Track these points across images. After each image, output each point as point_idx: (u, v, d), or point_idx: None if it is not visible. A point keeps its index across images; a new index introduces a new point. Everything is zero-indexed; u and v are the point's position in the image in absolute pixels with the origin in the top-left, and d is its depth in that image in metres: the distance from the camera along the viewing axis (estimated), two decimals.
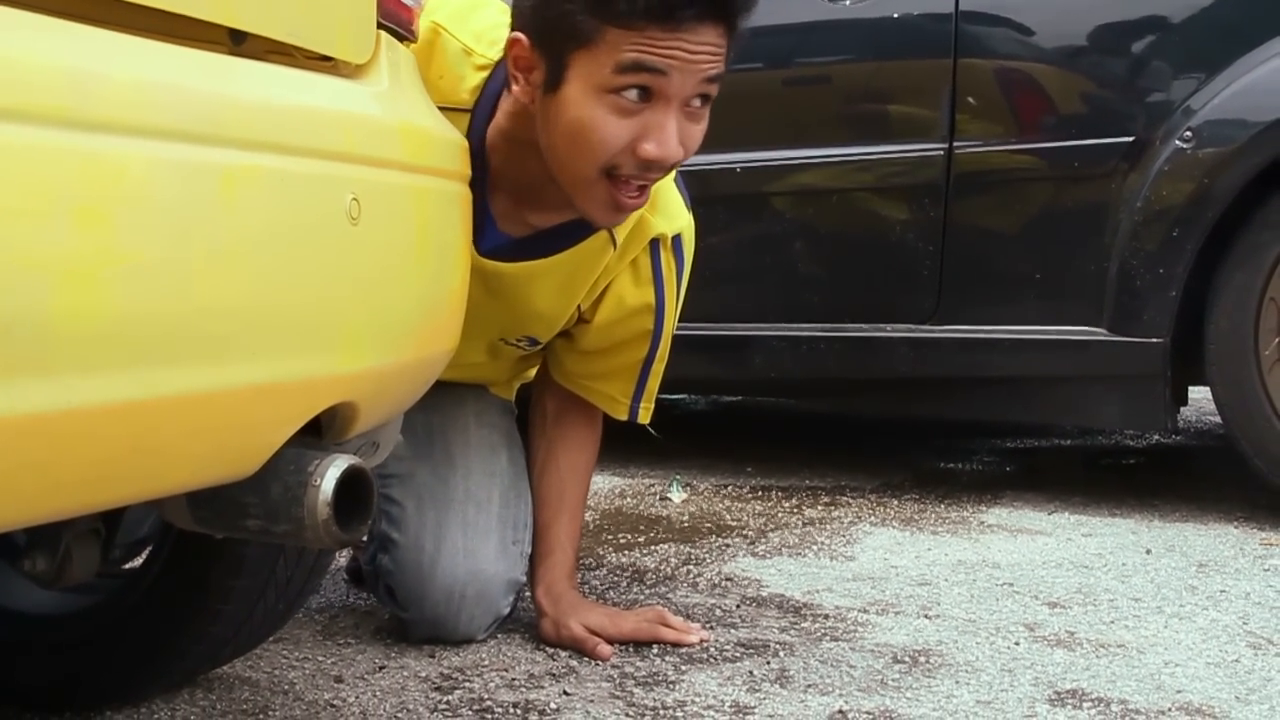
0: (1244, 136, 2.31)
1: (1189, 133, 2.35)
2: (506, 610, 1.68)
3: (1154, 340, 2.39)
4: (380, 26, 1.14)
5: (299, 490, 1.01)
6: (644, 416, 1.71)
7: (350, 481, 1.02)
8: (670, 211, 1.59)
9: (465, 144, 1.24)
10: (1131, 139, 2.41)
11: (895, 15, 2.59)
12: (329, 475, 1.01)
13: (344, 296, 1.00)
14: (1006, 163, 2.53)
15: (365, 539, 1.78)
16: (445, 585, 1.62)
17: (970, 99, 2.53)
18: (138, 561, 1.46)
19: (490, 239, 1.53)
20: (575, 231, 1.53)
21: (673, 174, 1.52)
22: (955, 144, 2.53)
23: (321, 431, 1.08)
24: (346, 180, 1.00)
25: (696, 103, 1.35)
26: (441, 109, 1.27)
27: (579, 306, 1.62)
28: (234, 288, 0.87)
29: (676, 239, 1.60)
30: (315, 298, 0.97)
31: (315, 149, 0.97)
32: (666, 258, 1.60)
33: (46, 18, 0.77)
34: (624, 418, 1.71)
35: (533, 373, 1.87)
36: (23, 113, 0.72)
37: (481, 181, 1.44)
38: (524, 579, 1.70)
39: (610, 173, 1.37)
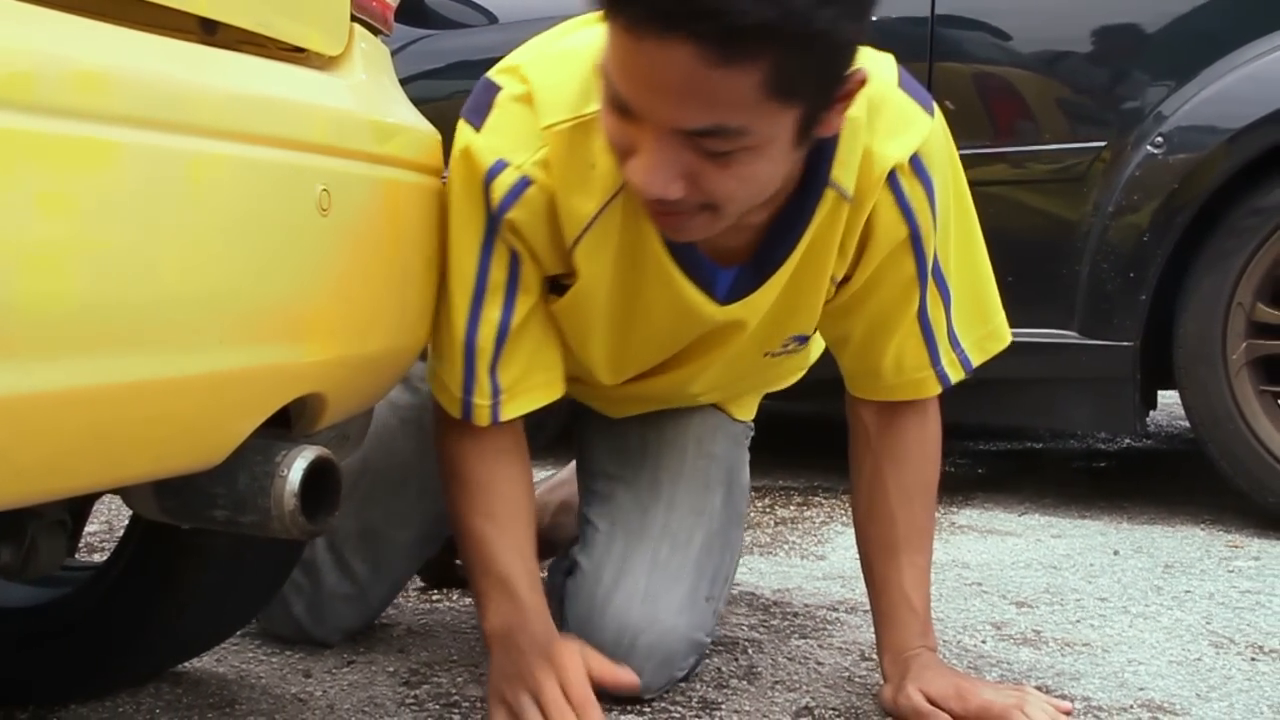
0: (1214, 142, 2.34)
1: (1160, 138, 2.37)
2: (682, 673, 1.47)
3: (1124, 344, 2.42)
4: (354, 19, 1.15)
5: (266, 481, 1.01)
6: (955, 373, 1.40)
7: (318, 472, 1.02)
8: (897, 127, 1.25)
9: (438, 138, 1.24)
10: (1104, 144, 2.43)
11: (872, 18, 2.60)
12: (296, 466, 1.01)
13: (313, 287, 1.00)
14: (980, 166, 2.55)
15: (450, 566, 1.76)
16: (615, 628, 1.43)
17: (946, 102, 2.54)
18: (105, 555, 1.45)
19: (722, 281, 1.30)
20: (795, 221, 1.26)
21: (892, 70, 1.26)
22: None
23: (291, 423, 1.09)
24: (317, 171, 1.00)
25: (715, 145, 1.05)
26: None
27: (832, 277, 1.33)
28: (201, 275, 0.88)
29: (915, 160, 1.25)
30: (284, 287, 0.97)
31: (285, 139, 0.97)
32: (910, 186, 1.26)
33: (13, 2, 0.77)
34: (937, 391, 1.41)
35: (787, 379, 1.67)
36: None
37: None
38: (708, 640, 1.50)
39: None
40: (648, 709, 1.42)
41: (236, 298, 0.91)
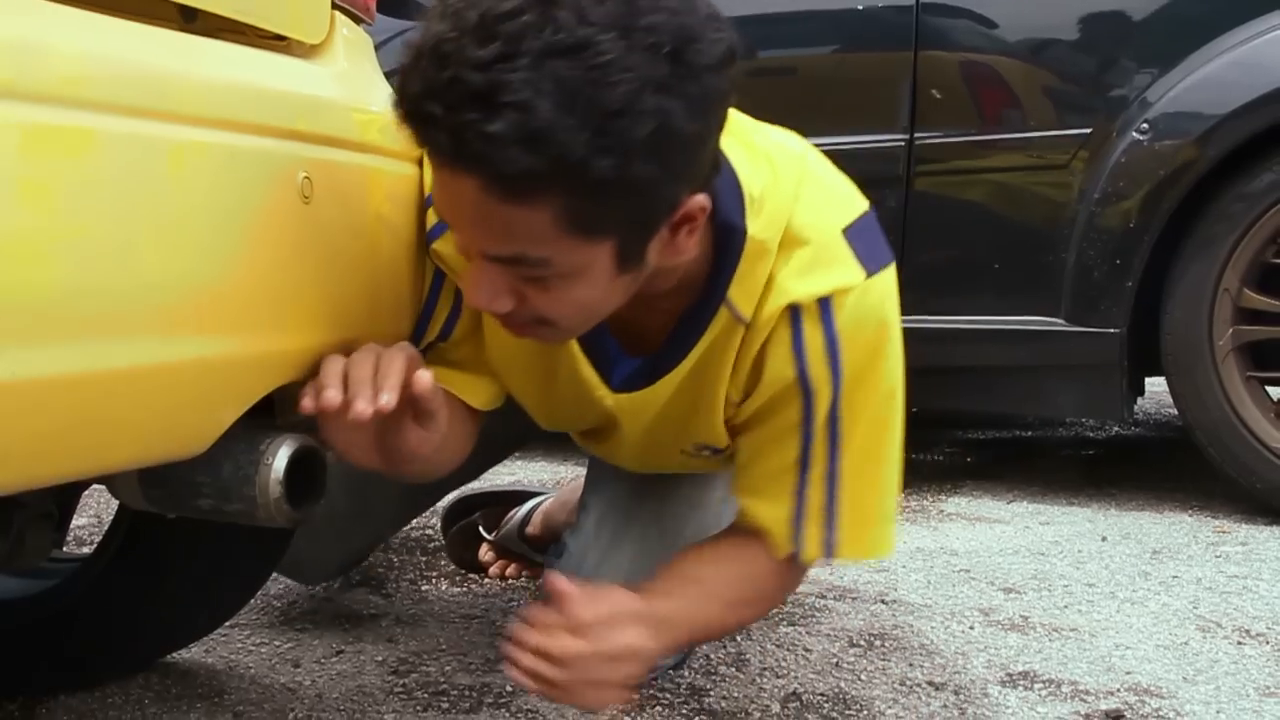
0: (1200, 129, 2.34)
1: (1146, 125, 2.37)
2: (670, 662, 1.43)
3: (1111, 331, 2.42)
4: (335, 7, 1.14)
5: (250, 469, 1.01)
6: (811, 550, 1.23)
7: (302, 460, 1.02)
8: (812, 266, 1.15)
9: None
10: (1089, 131, 2.44)
11: (860, 7, 2.60)
12: (281, 454, 1.01)
13: (295, 274, 1.00)
14: (967, 154, 2.55)
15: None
16: None
17: (932, 91, 2.55)
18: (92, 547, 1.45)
19: (621, 370, 1.25)
20: (695, 324, 1.19)
21: (847, 211, 1.18)
22: (916, 135, 2.55)
23: (275, 412, 1.08)
24: (299, 159, 1.00)
25: (525, 271, 1.02)
26: None
27: (729, 398, 1.23)
28: (183, 263, 0.87)
29: (824, 305, 1.15)
30: (266, 275, 0.96)
31: (267, 127, 0.97)
32: (810, 330, 1.16)
33: None
34: (785, 551, 1.23)
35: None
36: None
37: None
38: None
39: None
40: (635, 696, 1.42)
41: (218, 285, 0.91)
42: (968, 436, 3.52)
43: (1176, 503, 2.53)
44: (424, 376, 1.07)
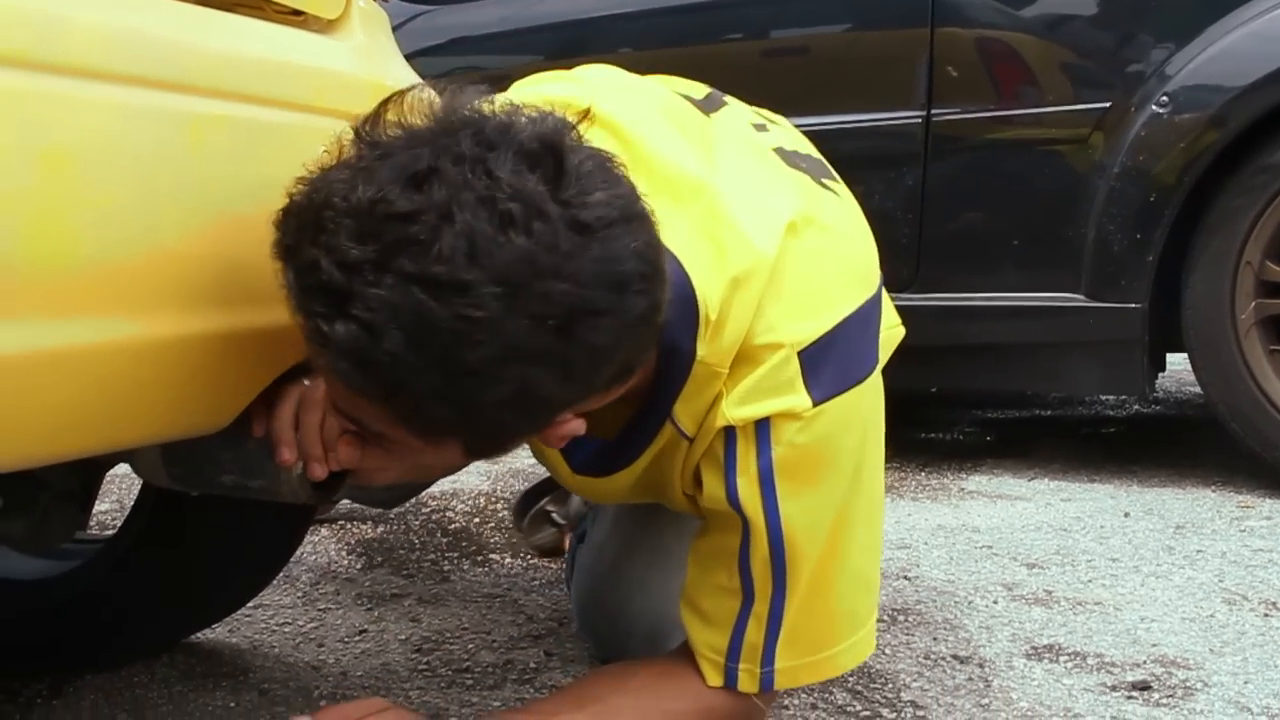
0: (1220, 101, 2.32)
1: (1165, 98, 2.35)
2: None
3: (1132, 306, 2.40)
4: None
5: (273, 445, 1.01)
6: (747, 684, 1.11)
7: None
8: (759, 393, 1.05)
9: None
10: (1108, 105, 2.42)
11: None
12: None
13: None
14: (984, 130, 2.54)
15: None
16: (612, 613, 1.39)
17: (948, 67, 2.53)
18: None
19: (582, 451, 1.17)
20: (641, 432, 1.12)
21: (812, 330, 1.06)
22: (933, 111, 2.53)
23: None
24: (318, 133, 1.00)
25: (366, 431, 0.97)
26: None
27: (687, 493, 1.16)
28: (203, 236, 0.87)
29: (762, 424, 1.05)
30: None
31: (286, 101, 0.97)
32: (744, 447, 1.06)
33: None
34: (715, 683, 1.12)
35: None
36: None
37: None
38: None
39: None
40: None
41: (238, 258, 0.91)
42: (987, 415, 3.51)
43: (1199, 478, 2.51)
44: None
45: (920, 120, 2.54)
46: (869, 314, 1.13)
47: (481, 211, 0.81)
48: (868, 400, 1.10)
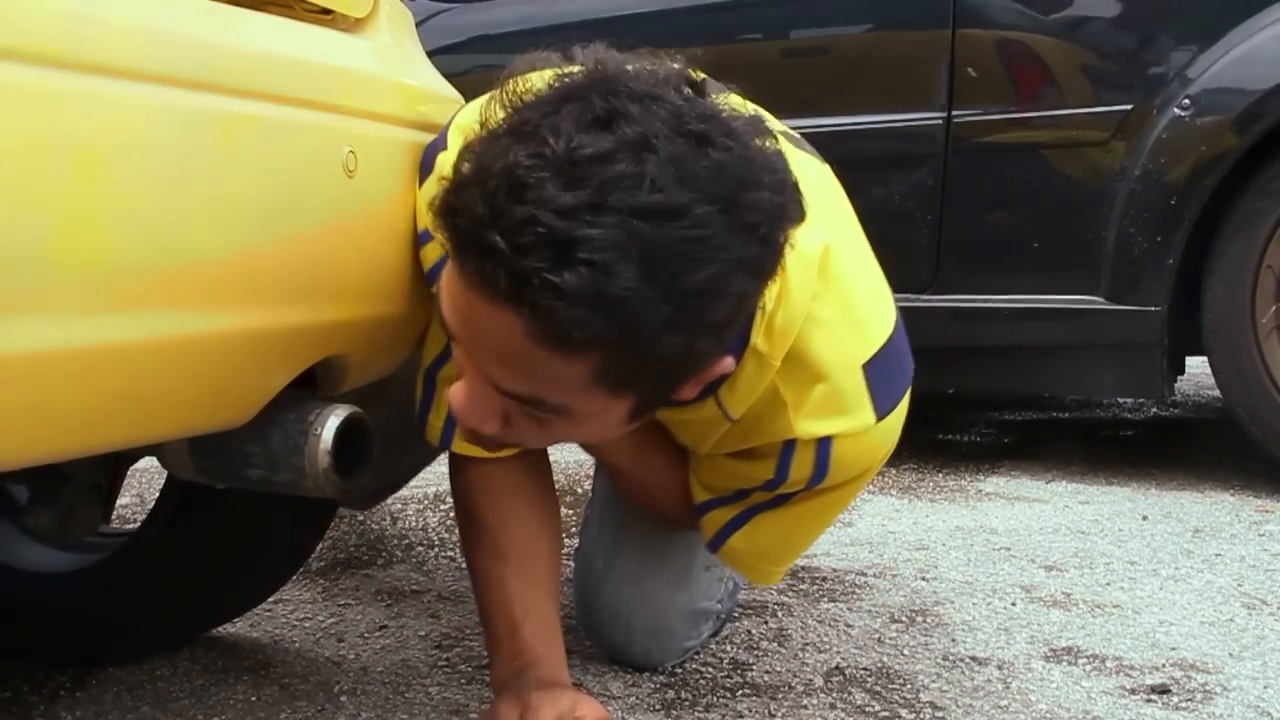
0: (1242, 104, 2.31)
1: (1187, 100, 2.35)
2: (695, 642, 1.44)
3: (1151, 309, 2.40)
4: None
5: (299, 439, 1.02)
6: (725, 555, 1.26)
7: (351, 430, 1.02)
8: (832, 412, 1.09)
9: (461, 101, 1.23)
10: (1129, 107, 2.41)
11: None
12: (329, 424, 1.01)
13: (339, 247, 1.00)
14: (1005, 132, 2.54)
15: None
16: (609, 610, 1.41)
17: (969, 69, 2.53)
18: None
19: None
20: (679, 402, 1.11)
21: (870, 340, 1.10)
22: (954, 113, 2.53)
23: (317, 385, 1.09)
24: (344, 132, 1.01)
25: (533, 410, 0.94)
26: None
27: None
28: (231, 234, 0.88)
29: (823, 443, 1.10)
30: (310, 247, 0.97)
31: (313, 100, 0.98)
32: (800, 459, 1.12)
33: None
34: (697, 509, 1.24)
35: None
36: (22, 53, 0.73)
37: None
38: (719, 607, 1.46)
39: None
40: (679, 670, 1.42)
41: (264, 257, 0.92)
42: (1005, 417, 3.50)
43: (1217, 482, 2.50)
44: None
45: (941, 121, 2.54)
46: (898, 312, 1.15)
47: (676, 137, 0.83)
48: (903, 416, 1.14)
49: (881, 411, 1.10)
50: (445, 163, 1.04)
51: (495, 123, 0.88)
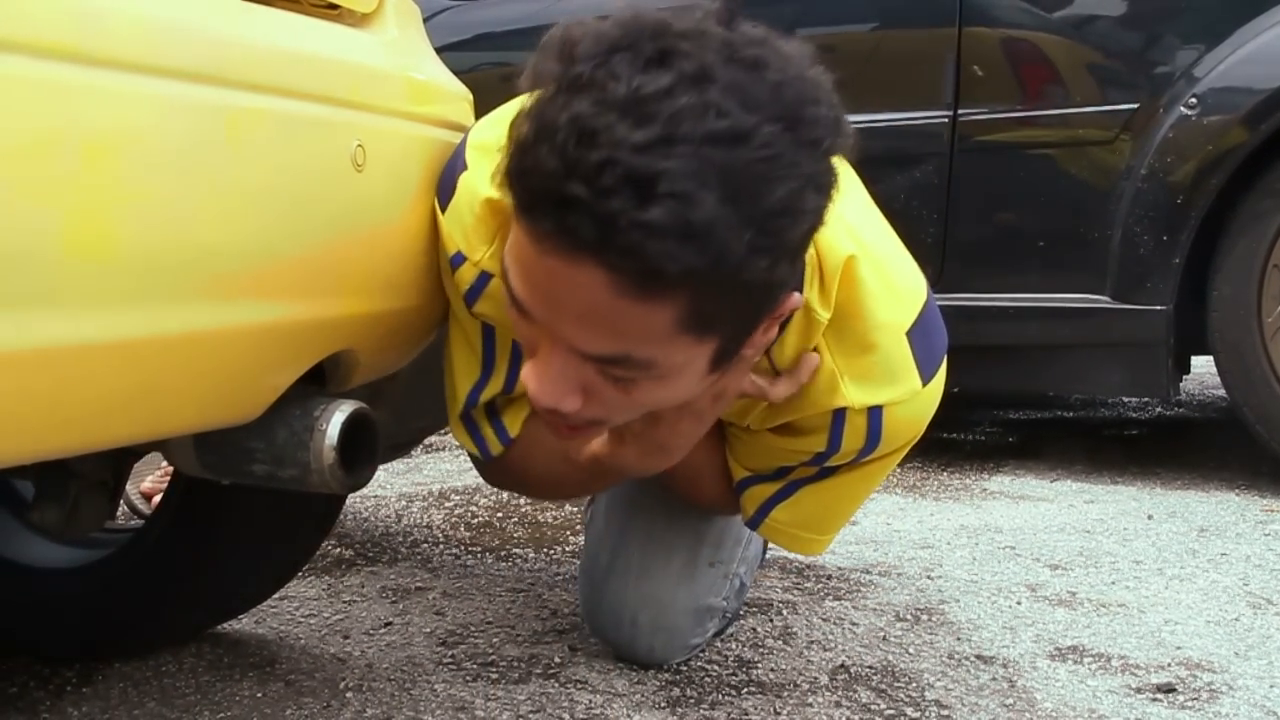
0: (1249, 103, 2.31)
1: (1194, 99, 2.34)
2: (701, 639, 1.44)
3: (1157, 308, 2.40)
4: None
5: (305, 435, 1.01)
6: (767, 530, 1.29)
7: (356, 426, 1.02)
8: (881, 381, 1.12)
9: (469, 96, 1.24)
10: (1135, 106, 2.41)
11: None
12: (334, 420, 1.01)
13: (347, 242, 1.00)
14: (1011, 130, 2.53)
15: None
16: (614, 607, 1.41)
17: (975, 67, 2.53)
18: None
19: None
20: None
21: (911, 306, 1.12)
22: (959, 111, 2.53)
23: (325, 380, 1.09)
24: (352, 127, 1.00)
25: (617, 371, 0.93)
26: None
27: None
28: (239, 228, 0.88)
29: (875, 412, 1.13)
30: (319, 242, 0.97)
31: (321, 95, 0.97)
32: (852, 428, 1.14)
33: None
34: (736, 486, 1.27)
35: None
36: (31, 46, 0.73)
37: None
38: (724, 605, 1.45)
39: None
40: (685, 667, 1.42)
41: (273, 251, 0.92)
42: (1009, 416, 3.50)
43: (1223, 481, 2.50)
44: None
45: (947, 120, 2.54)
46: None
47: (731, 64, 0.85)
48: (944, 378, 1.18)
49: (926, 376, 1.13)
50: (468, 183, 1.07)
51: (550, 79, 0.88)
